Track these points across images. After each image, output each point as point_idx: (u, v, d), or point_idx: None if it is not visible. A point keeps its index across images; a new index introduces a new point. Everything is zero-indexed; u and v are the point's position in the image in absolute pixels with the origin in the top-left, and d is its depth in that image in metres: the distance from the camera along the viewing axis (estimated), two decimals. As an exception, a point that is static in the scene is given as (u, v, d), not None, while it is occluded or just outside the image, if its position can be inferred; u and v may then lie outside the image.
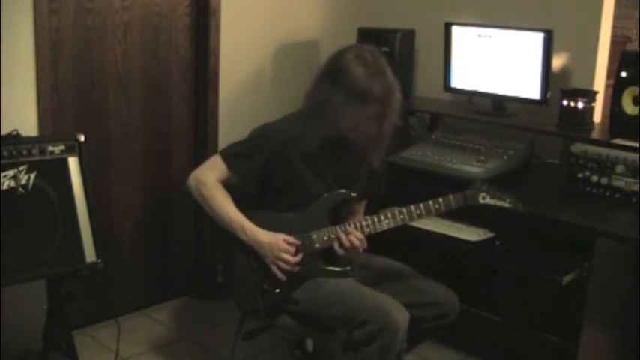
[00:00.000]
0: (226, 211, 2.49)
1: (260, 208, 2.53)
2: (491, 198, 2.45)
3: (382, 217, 2.44)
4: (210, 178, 2.52)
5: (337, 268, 2.48)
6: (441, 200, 2.43)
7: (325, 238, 2.46)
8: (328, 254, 2.49)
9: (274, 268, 2.43)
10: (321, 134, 2.42)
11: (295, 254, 2.44)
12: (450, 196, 2.43)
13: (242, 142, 2.56)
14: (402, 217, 2.44)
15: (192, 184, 2.55)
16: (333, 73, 2.39)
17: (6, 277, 2.41)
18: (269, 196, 2.54)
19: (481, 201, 2.44)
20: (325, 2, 3.84)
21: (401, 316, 2.28)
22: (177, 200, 3.54)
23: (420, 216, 2.45)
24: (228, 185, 2.53)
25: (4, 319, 2.77)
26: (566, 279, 2.62)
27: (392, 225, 2.45)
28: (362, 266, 2.61)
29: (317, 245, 2.46)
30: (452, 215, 2.89)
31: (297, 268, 2.43)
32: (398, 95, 2.42)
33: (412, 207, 2.44)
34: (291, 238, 2.44)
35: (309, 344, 2.84)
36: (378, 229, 2.45)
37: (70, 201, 2.57)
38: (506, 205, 2.45)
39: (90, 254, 2.59)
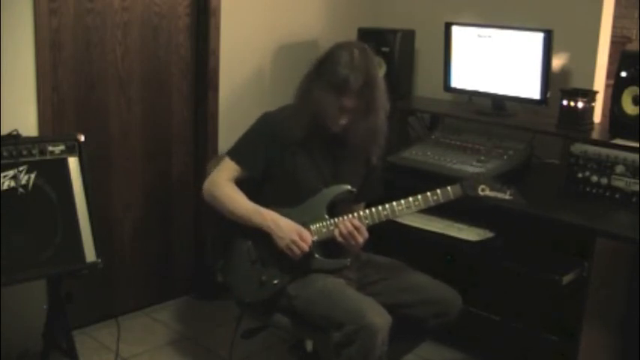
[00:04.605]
0: (239, 202, 2.50)
1: (261, 204, 2.54)
2: (491, 190, 2.43)
3: (380, 209, 2.45)
4: (220, 178, 2.55)
5: (335, 261, 2.50)
6: (439, 191, 2.43)
7: (324, 230, 2.47)
8: (328, 248, 2.50)
9: (287, 250, 2.43)
10: (304, 122, 2.46)
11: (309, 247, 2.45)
12: (448, 188, 2.43)
13: (244, 134, 2.60)
14: (400, 208, 2.44)
15: (205, 188, 2.58)
16: (320, 62, 2.46)
17: (6, 277, 2.41)
18: (268, 190, 2.56)
19: (480, 193, 2.42)
20: (325, 2, 3.84)
21: (380, 319, 2.27)
22: (177, 200, 3.54)
23: (418, 207, 2.44)
24: (238, 184, 2.55)
25: (4, 319, 2.77)
26: (566, 279, 2.62)
27: (390, 216, 2.46)
28: (364, 264, 2.62)
29: (315, 237, 2.47)
30: (452, 215, 2.90)
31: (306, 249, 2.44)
32: (380, 94, 2.45)
33: (410, 198, 2.44)
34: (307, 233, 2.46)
35: (309, 344, 2.84)
36: (377, 220, 2.45)
37: (70, 201, 2.57)
38: (507, 197, 2.43)
39: (90, 254, 2.59)
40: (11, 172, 2.47)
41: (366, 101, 2.42)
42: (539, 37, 3.13)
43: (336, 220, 2.47)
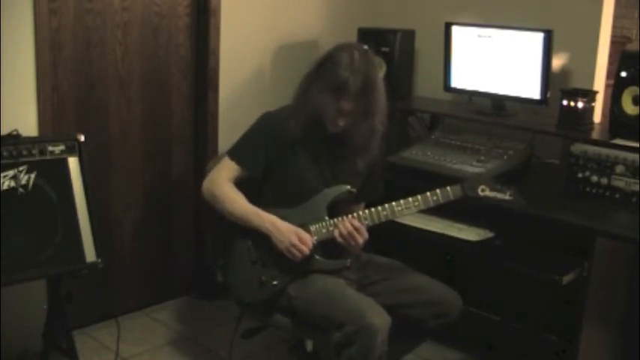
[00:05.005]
0: (239, 203, 2.51)
1: (260, 205, 2.54)
2: (491, 190, 2.42)
3: (380, 209, 2.45)
4: (220, 177, 2.55)
5: (335, 261, 2.49)
6: (438, 191, 2.42)
7: (324, 230, 2.47)
8: (328, 249, 2.50)
9: (287, 253, 2.43)
10: (302, 122, 2.47)
11: (309, 249, 2.45)
12: (448, 188, 2.43)
13: (244, 134, 2.60)
14: (399, 208, 2.44)
15: (204, 187, 2.58)
16: (321, 63, 2.46)
17: (6, 277, 2.41)
18: (268, 190, 2.56)
19: (480, 193, 2.42)
20: (325, 2, 3.84)
21: (379, 319, 2.27)
22: (177, 200, 3.54)
23: (417, 207, 2.44)
24: (237, 184, 2.55)
25: (4, 319, 2.77)
26: (566, 279, 2.62)
27: (390, 217, 2.45)
28: (364, 264, 2.62)
29: (315, 238, 2.47)
30: (452, 215, 2.90)
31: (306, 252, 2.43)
32: (379, 97, 2.45)
33: (410, 199, 2.44)
34: (307, 235, 2.45)
35: (309, 344, 2.84)
36: (377, 220, 2.45)
37: (70, 201, 2.57)
38: (507, 197, 2.42)
39: (90, 254, 2.59)
40: (11, 172, 2.47)
41: (365, 104, 2.42)
42: (539, 37, 3.13)
43: (335, 220, 2.47)
